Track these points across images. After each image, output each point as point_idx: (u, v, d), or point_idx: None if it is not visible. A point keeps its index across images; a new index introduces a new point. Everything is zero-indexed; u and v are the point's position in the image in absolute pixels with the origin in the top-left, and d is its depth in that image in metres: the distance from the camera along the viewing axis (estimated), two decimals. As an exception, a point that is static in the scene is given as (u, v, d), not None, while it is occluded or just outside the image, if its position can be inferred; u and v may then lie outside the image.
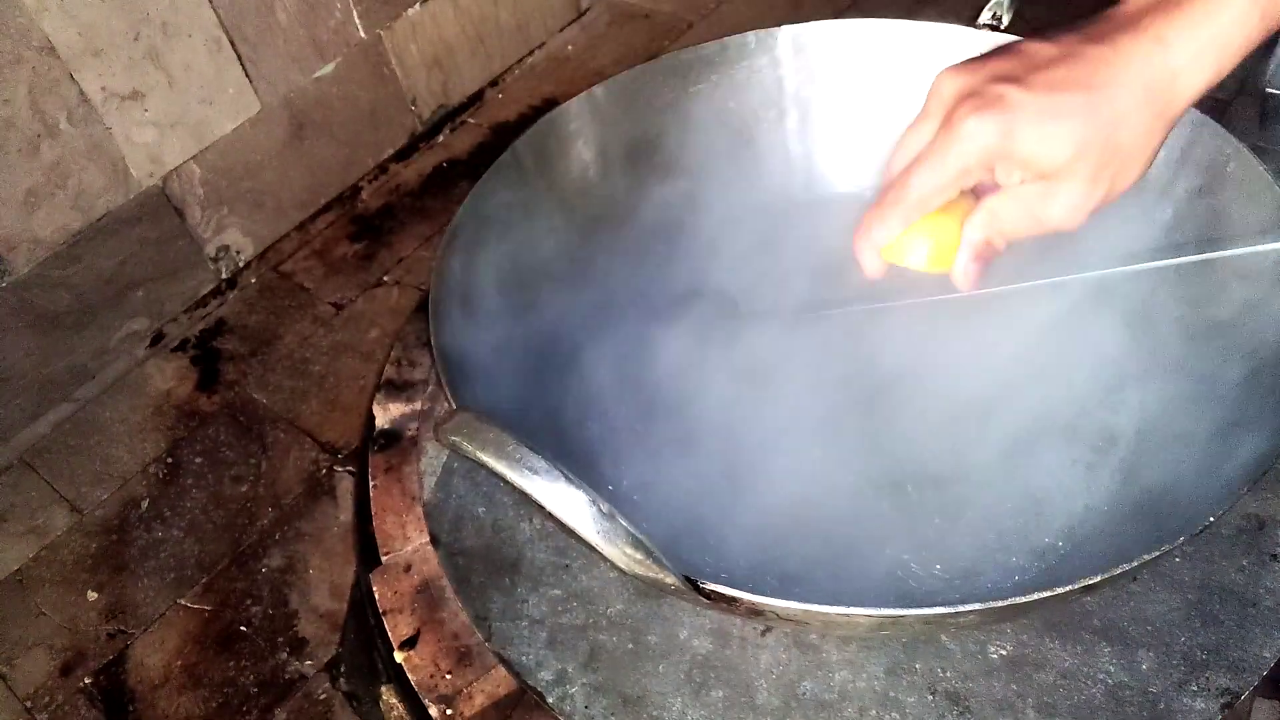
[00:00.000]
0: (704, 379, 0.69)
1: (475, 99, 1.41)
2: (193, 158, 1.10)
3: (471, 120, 1.40)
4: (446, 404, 0.67)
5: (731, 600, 0.47)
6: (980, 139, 0.44)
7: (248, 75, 1.11)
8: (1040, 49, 0.45)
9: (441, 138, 1.37)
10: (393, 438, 0.75)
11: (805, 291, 0.73)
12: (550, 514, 0.45)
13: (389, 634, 0.65)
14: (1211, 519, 0.47)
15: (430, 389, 0.77)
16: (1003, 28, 0.68)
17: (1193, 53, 0.42)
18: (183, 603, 0.93)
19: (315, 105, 1.20)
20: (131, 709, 0.88)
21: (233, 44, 1.08)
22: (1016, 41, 0.47)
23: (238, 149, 1.14)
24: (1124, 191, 0.45)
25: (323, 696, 0.85)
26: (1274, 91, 0.85)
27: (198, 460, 1.04)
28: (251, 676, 0.87)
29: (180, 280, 1.15)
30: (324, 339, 1.14)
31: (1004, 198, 0.46)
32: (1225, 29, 0.41)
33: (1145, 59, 0.43)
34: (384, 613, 0.66)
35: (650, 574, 0.46)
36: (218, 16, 1.05)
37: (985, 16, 0.68)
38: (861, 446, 0.66)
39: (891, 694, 0.57)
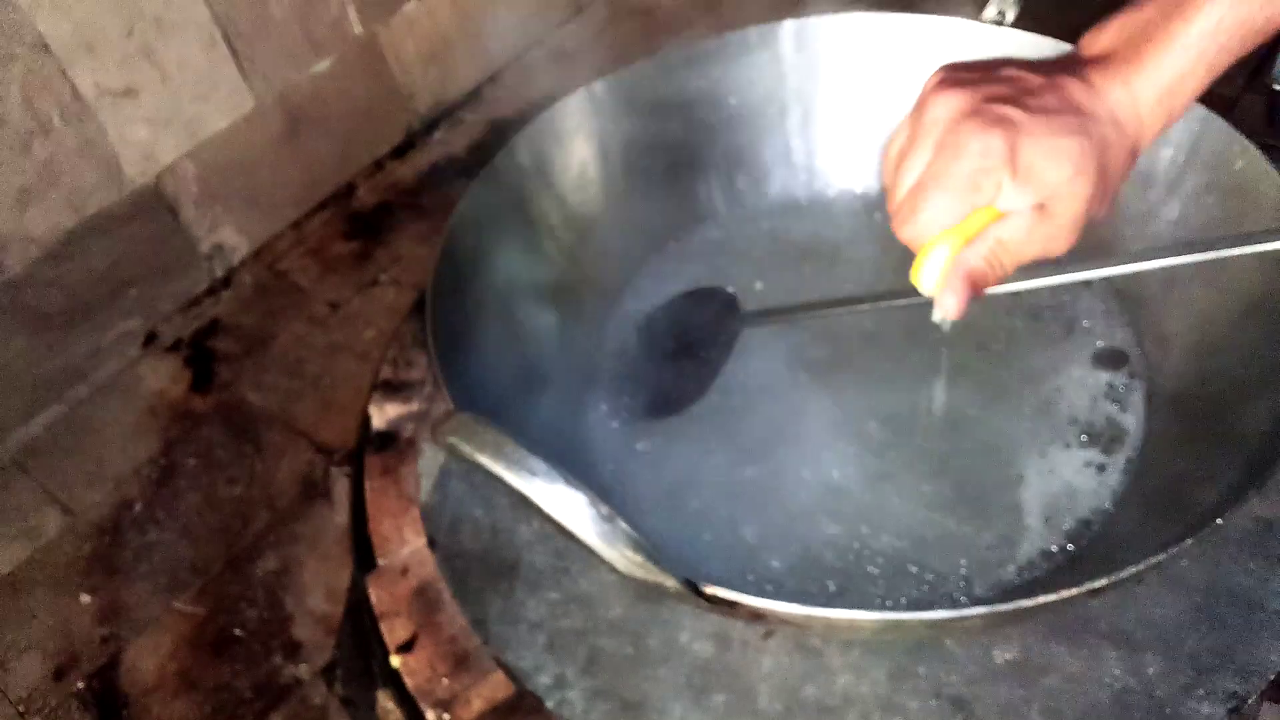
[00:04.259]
0: (705, 380, 0.69)
1: (473, 95, 1.40)
2: (186, 155, 1.09)
3: (469, 117, 1.39)
4: (444, 405, 0.66)
5: (732, 604, 0.46)
6: (988, 155, 0.46)
7: (242, 71, 1.10)
8: (1026, 76, 0.48)
9: (439, 134, 1.36)
10: (389, 439, 0.74)
11: (807, 290, 0.72)
12: (549, 516, 0.44)
13: (385, 638, 0.64)
14: (1219, 521, 0.46)
15: (427, 389, 0.77)
16: (1008, 22, 0.67)
17: (1153, 98, 0.47)
18: (176, 606, 0.92)
19: (310, 102, 1.19)
20: (125, 713, 0.87)
21: (227, 40, 1.07)
22: (1000, 62, 0.49)
23: (232, 146, 1.13)
24: (1098, 218, 0.48)
25: (318, 701, 0.84)
26: (1280, 89, 0.84)
27: (191, 462, 1.03)
28: (246, 681, 0.86)
29: (174, 279, 1.14)
30: (319, 339, 1.13)
31: (1004, 222, 0.48)
32: (1177, 77, 0.47)
33: (1116, 99, 0.47)
34: (380, 616, 0.65)
35: (650, 577, 0.45)
36: (212, 12, 1.04)
37: (990, 11, 0.68)
38: (864, 448, 0.65)
39: (895, 699, 0.57)
